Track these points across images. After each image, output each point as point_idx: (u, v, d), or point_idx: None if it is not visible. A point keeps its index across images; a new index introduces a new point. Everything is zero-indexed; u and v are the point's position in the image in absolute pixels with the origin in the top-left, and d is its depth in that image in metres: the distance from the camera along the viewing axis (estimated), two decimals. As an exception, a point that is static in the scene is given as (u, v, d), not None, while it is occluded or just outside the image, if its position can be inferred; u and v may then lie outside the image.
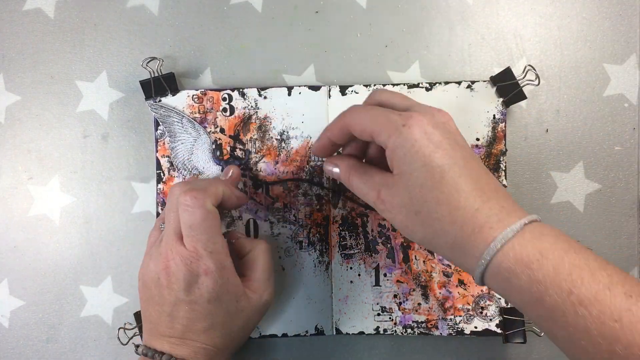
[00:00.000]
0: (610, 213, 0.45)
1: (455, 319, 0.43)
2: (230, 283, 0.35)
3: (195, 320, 0.35)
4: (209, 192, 0.36)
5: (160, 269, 0.35)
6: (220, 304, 0.35)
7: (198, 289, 0.34)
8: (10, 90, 0.46)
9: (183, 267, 0.34)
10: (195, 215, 0.34)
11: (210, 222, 0.35)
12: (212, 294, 0.35)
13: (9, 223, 0.46)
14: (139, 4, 0.46)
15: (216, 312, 0.35)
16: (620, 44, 0.45)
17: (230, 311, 0.36)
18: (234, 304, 0.36)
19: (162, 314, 0.35)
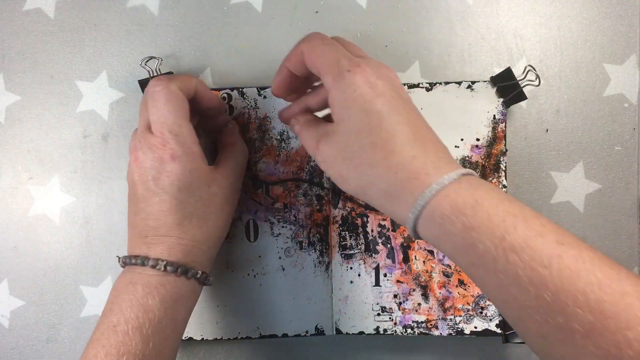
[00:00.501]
0: (610, 213, 0.45)
1: (455, 319, 0.43)
2: (200, 169, 0.35)
3: (168, 213, 0.34)
4: (176, 78, 0.36)
5: (131, 163, 0.35)
6: (192, 191, 0.34)
7: (167, 176, 0.34)
8: (10, 90, 0.46)
9: (150, 153, 0.34)
10: (159, 99, 0.34)
11: (174, 103, 0.34)
12: (182, 180, 0.34)
13: (9, 223, 0.46)
14: (139, 4, 0.46)
15: (188, 200, 0.34)
16: (620, 44, 0.45)
17: (203, 197, 0.35)
18: (206, 190, 0.35)
19: (137, 213, 0.35)
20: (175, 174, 0.34)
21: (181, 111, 0.35)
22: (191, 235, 0.35)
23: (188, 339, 0.43)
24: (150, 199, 0.34)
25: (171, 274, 0.34)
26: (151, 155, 0.34)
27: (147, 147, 0.34)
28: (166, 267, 0.34)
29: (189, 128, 0.35)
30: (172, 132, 0.34)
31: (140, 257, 0.34)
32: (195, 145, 0.35)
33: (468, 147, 0.43)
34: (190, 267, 0.35)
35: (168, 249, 0.34)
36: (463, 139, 0.43)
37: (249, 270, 0.44)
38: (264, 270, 0.44)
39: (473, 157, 0.43)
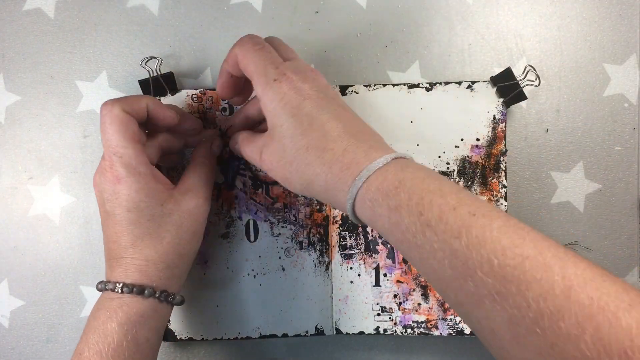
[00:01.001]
0: (610, 213, 0.45)
1: (455, 319, 0.43)
2: (148, 188, 0.35)
3: (121, 234, 0.35)
4: (122, 99, 0.36)
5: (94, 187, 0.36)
6: (141, 211, 0.34)
7: (116, 198, 0.34)
8: (10, 90, 0.46)
9: (101, 177, 0.35)
10: (104, 120, 0.34)
11: (117, 126, 0.34)
12: (129, 201, 0.34)
13: (9, 223, 0.46)
14: (139, 4, 0.46)
15: (139, 220, 0.34)
16: (620, 44, 0.45)
17: (155, 216, 0.35)
18: (159, 209, 0.35)
19: (104, 236, 0.36)
20: (122, 195, 0.34)
21: (126, 133, 0.34)
22: (144, 255, 0.35)
23: (188, 339, 0.43)
24: (107, 221, 0.35)
25: (127, 295, 0.34)
26: (102, 178, 0.35)
27: (100, 170, 0.35)
28: (122, 289, 0.34)
29: (135, 149, 0.35)
30: (116, 155, 0.34)
31: (103, 281, 0.35)
32: (141, 166, 0.35)
33: (468, 147, 0.43)
34: (147, 287, 0.35)
35: (124, 271, 0.35)
36: (463, 139, 0.43)
37: (249, 270, 0.44)
38: (264, 270, 0.44)
39: (473, 157, 0.43)
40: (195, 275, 0.44)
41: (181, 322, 0.43)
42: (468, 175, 0.43)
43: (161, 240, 0.36)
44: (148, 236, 0.35)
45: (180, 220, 0.36)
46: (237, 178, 0.44)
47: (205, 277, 0.44)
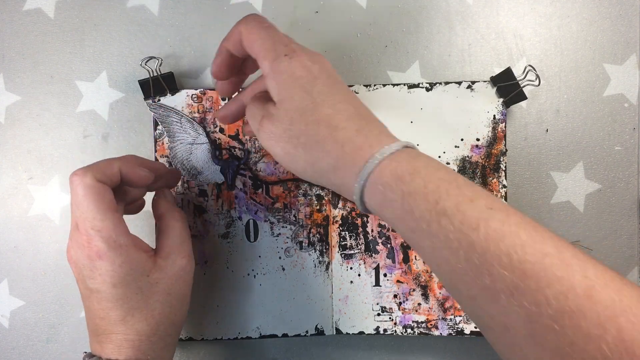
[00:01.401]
0: (610, 213, 0.45)
1: (455, 319, 0.43)
2: (131, 260, 0.33)
3: (109, 310, 0.33)
4: (94, 167, 0.34)
5: (69, 262, 0.34)
6: (127, 285, 0.33)
7: (99, 274, 0.32)
8: (10, 90, 0.46)
9: (80, 252, 0.32)
10: (76, 194, 0.32)
11: (92, 197, 0.32)
12: (114, 277, 0.32)
13: (9, 223, 0.46)
14: (139, 4, 0.46)
15: (126, 295, 0.33)
16: (620, 44, 0.45)
17: (143, 289, 0.34)
18: (145, 280, 0.34)
19: (86, 311, 0.34)
20: (106, 271, 0.32)
21: (101, 204, 0.32)
22: (136, 330, 0.33)
23: (188, 339, 0.43)
24: (90, 297, 0.33)
25: None
26: (81, 253, 0.33)
27: (75, 245, 0.33)
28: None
29: (113, 220, 0.33)
30: (94, 229, 0.32)
31: (95, 357, 0.33)
32: (122, 237, 0.33)
33: (468, 147, 0.43)
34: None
35: (117, 347, 0.33)
36: (463, 139, 0.43)
37: (249, 270, 0.44)
38: (264, 270, 0.44)
39: (473, 157, 0.43)
40: (195, 275, 0.43)
41: (181, 322, 0.43)
42: (468, 175, 0.43)
43: (152, 312, 0.34)
44: (138, 310, 0.33)
45: (169, 287, 0.35)
46: (237, 178, 0.44)
47: (205, 277, 0.44)
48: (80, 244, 0.33)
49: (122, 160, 0.36)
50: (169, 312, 0.35)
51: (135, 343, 0.33)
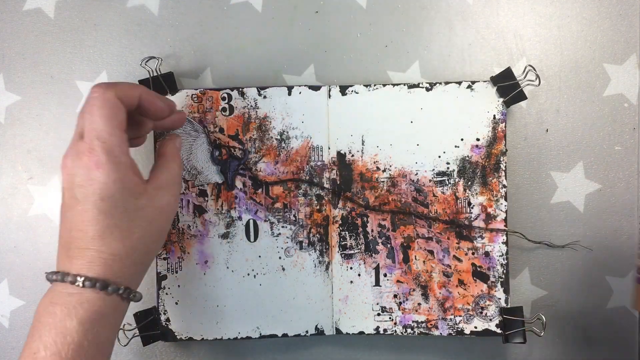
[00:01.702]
0: (610, 213, 0.45)
1: (455, 319, 0.43)
2: (126, 179, 0.33)
3: (89, 223, 0.32)
4: (117, 85, 0.34)
5: (62, 170, 0.34)
6: (115, 202, 0.33)
7: (90, 185, 0.32)
8: (10, 90, 0.46)
9: (77, 160, 0.32)
10: (94, 102, 0.33)
11: (108, 111, 0.33)
12: (105, 190, 0.32)
13: (9, 223, 0.46)
14: (139, 4, 0.46)
15: (110, 211, 0.33)
16: (620, 44, 0.45)
17: (129, 209, 0.33)
18: (133, 202, 0.34)
19: (63, 223, 0.34)
20: (98, 183, 0.32)
21: (114, 120, 0.33)
22: (111, 249, 0.33)
23: (188, 339, 0.43)
24: (74, 207, 0.33)
25: (89, 290, 0.32)
26: (78, 162, 0.32)
27: (75, 153, 0.33)
28: (84, 283, 0.32)
29: (120, 137, 0.33)
30: (100, 140, 0.32)
31: (61, 272, 0.33)
32: (124, 156, 0.33)
33: (468, 147, 0.43)
34: (111, 282, 0.33)
35: (88, 263, 0.32)
36: (463, 139, 0.43)
37: (249, 270, 0.44)
38: (264, 270, 0.44)
39: (473, 157, 0.43)
40: (195, 275, 0.44)
41: (181, 322, 0.43)
42: (468, 175, 0.43)
43: (130, 235, 0.34)
44: (118, 229, 0.33)
45: (152, 216, 0.35)
46: (237, 178, 0.44)
47: (205, 277, 0.44)
48: (80, 152, 0.33)
49: (144, 88, 0.37)
50: (146, 239, 0.35)
51: (107, 261, 0.33)
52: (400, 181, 0.43)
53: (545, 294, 0.45)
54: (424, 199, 0.43)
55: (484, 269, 0.43)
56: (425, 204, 0.43)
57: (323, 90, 0.43)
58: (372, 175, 0.44)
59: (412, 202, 0.43)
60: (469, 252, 0.43)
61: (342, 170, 0.44)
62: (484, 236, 0.43)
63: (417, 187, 0.43)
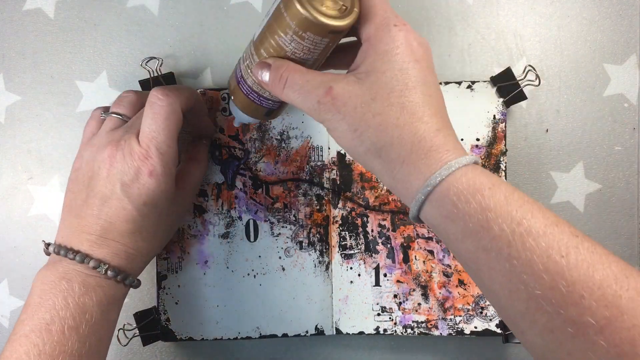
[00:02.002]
0: (610, 213, 0.45)
1: (455, 319, 0.43)
2: (170, 189, 0.35)
3: (124, 220, 0.33)
4: (182, 93, 0.35)
5: (105, 157, 0.34)
6: (155, 208, 0.34)
7: (138, 188, 0.33)
8: (10, 90, 0.46)
9: (130, 160, 0.33)
10: (160, 113, 0.34)
11: (171, 123, 0.34)
12: (151, 196, 0.33)
13: (9, 223, 0.46)
14: (139, 4, 0.46)
15: (148, 215, 0.34)
16: (620, 44, 0.45)
17: (162, 215, 0.35)
18: (167, 207, 0.35)
19: (89, 207, 0.34)
20: (148, 189, 0.33)
21: (174, 132, 0.34)
22: (138, 247, 0.35)
23: (188, 339, 0.43)
24: (111, 200, 0.33)
25: (111, 278, 0.33)
26: (130, 162, 0.33)
27: (128, 152, 0.33)
28: (107, 271, 0.33)
29: (175, 149, 0.35)
30: (158, 150, 0.33)
31: (80, 253, 0.33)
32: (175, 168, 0.35)
33: (468, 147, 0.43)
34: (130, 275, 0.35)
35: (112, 254, 0.33)
36: (463, 139, 0.43)
37: (249, 270, 0.44)
38: (264, 270, 0.44)
39: (473, 157, 0.43)
40: (195, 275, 0.44)
41: (181, 322, 0.43)
42: (468, 175, 0.43)
43: (156, 236, 0.36)
44: (146, 231, 0.35)
45: (174, 220, 0.37)
46: (237, 178, 0.44)
47: (205, 277, 0.44)
48: (134, 153, 0.33)
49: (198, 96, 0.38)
50: (165, 240, 0.38)
51: (131, 256, 0.34)
52: (400, 181, 0.43)
53: (545, 294, 0.45)
54: (424, 199, 0.43)
55: (484, 269, 0.43)
56: (425, 204, 0.43)
57: (323, 90, 0.43)
58: (372, 175, 0.44)
59: (412, 202, 0.43)
60: (469, 252, 0.43)
61: (342, 170, 0.44)
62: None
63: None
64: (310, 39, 0.29)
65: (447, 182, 0.26)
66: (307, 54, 0.31)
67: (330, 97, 0.29)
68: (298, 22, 0.29)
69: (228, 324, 0.44)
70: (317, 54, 0.31)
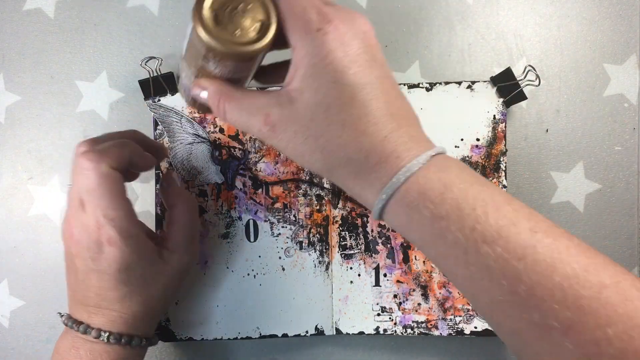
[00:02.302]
0: (610, 213, 0.45)
1: (455, 319, 0.43)
2: (140, 250, 0.33)
3: (108, 290, 0.33)
4: (109, 153, 0.33)
5: (67, 237, 0.34)
6: (132, 271, 0.33)
7: (105, 259, 0.32)
8: (10, 90, 0.46)
9: (86, 235, 0.32)
10: (90, 180, 0.31)
11: (107, 186, 0.32)
12: (121, 263, 0.32)
13: (9, 223, 0.46)
14: (139, 4, 0.46)
15: (129, 280, 0.33)
16: (620, 44, 0.45)
17: (146, 276, 0.34)
18: (149, 269, 0.34)
19: (77, 281, 0.34)
20: (114, 257, 0.32)
21: (116, 193, 0.32)
22: (132, 311, 0.34)
23: (188, 339, 0.43)
24: (89, 275, 0.33)
25: (114, 344, 0.34)
26: (86, 236, 0.32)
27: (81, 226, 0.32)
28: (109, 339, 0.33)
29: (125, 209, 0.33)
30: (106, 217, 0.32)
31: (83, 324, 0.34)
32: (133, 227, 0.33)
33: (468, 147, 0.43)
34: (134, 336, 0.35)
35: (110, 322, 0.34)
36: (463, 139, 0.43)
37: (249, 270, 0.44)
38: (264, 270, 0.44)
39: (473, 157, 0.43)
40: (195, 275, 0.44)
41: (181, 322, 0.43)
42: (468, 175, 0.43)
43: (150, 298, 0.35)
44: (137, 294, 0.34)
45: (169, 280, 0.36)
46: (237, 178, 0.44)
47: (205, 277, 0.44)
48: (87, 227, 0.32)
49: (131, 144, 0.35)
50: (165, 300, 0.36)
51: (128, 321, 0.34)
52: (400, 181, 0.43)
53: (545, 294, 0.45)
54: (424, 199, 0.43)
55: (484, 269, 0.43)
56: (425, 204, 0.43)
57: (323, 90, 0.43)
58: (372, 175, 0.44)
59: (412, 202, 0.43)
60: (469, 252, 0.43)
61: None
62: None
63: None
64: (233, 64, 0.28)
65: (399, 194, 0.26)
66: (237, 74, 0.29)
67: (270, 126, 0.27)
68: (214, 53, 0.27)
69: (228, 324, 0.44)
70: (248, 71, 0.30)
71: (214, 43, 0.26)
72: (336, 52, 0.26)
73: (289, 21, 0.27)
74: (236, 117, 0.28)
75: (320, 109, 0.26)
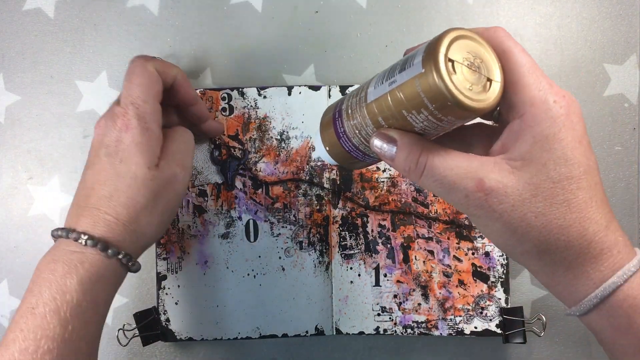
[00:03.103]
0: (610, 213, 0.45)
1: (455, 319, 0.43)
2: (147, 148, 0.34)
3: (102, 184, 0.33)
4: (157, 59, 0.37)
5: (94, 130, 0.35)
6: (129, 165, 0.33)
7: (116, 145, 0.34)
8: (10, 90, 0.46)
9: (110, 121, 0.34)
10: (134, 71, 0.35)
11: (146, 80, 0.35)
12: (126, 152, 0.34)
13: (9, 223, 0.46)
14: (139, 4, 0.46)
15: (122, 174, 0.33)
16: (620, 44, 0.45)
17: (138, 177, 0.34)
18: (143, 171, 0.34)
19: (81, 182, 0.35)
20: (123, 145, 0.34)
21: (151, 89, 0.35)
22: (116, 213, 0.33)
23: (188, 339, 0.43)
24: (95, 165, 0.34)
25: (91, 249, 0.32)
26: (110, 122, 0.34)
27: (110, 116, 0.34)
28: (87, 241, 0.32)
29: (153, 106, 0.35)
30: (133, 105, 0.34)
31: (66, 229, 0.33)
32: (153, 124, 0.35)
33: (468, 147, 0.43)
34: (112, 245, 0.33)
35: (93, 223, 0.33)
36: (463, 139, 0.43)
37: (249, 270, 0.44)
38: (264, 270, 0.44)
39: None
40: (195, 275, 0.44)
41: (181, 322, 0.43)
42: (468, 175, 0.43)
43: (134, 202, 0.34)
44: (123, 193, 0.34)
45: (158, 187, 0.35)
46: (237, 178, 0.44)
47: (205, 277, 0.44)
48: (114, 114, 0.34)
49: (179, 69, 0.38)
50: (151, 210, 0.35)
51: (110, 224, 0.33)
52: (400, 181, 0.43)
53: (545, 294, 0.45)
54: (424, 199, 0.43)
55: (484, 269, 0.43)
56: (425, 204, 0.43)
57: (323, 90, 0.43)
58: (372, 175, 0.44)
59: (412, 202, 0.43)
60: (469, 252, 0.43)
61: (342, 170, 0.44)
62: (484, 236, 0.43)
63: (417, 187, 0.43)
64: (450, 121, 0.25)
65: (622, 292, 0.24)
66: (437, 130, 0.26)
67: (483, 193, 0.25)
68: (441, 107, 0.24)
69: (228, 324, 0.44)
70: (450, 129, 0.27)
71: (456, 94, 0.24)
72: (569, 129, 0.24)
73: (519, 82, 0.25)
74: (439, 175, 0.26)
75: (547, 185, 0.24)
